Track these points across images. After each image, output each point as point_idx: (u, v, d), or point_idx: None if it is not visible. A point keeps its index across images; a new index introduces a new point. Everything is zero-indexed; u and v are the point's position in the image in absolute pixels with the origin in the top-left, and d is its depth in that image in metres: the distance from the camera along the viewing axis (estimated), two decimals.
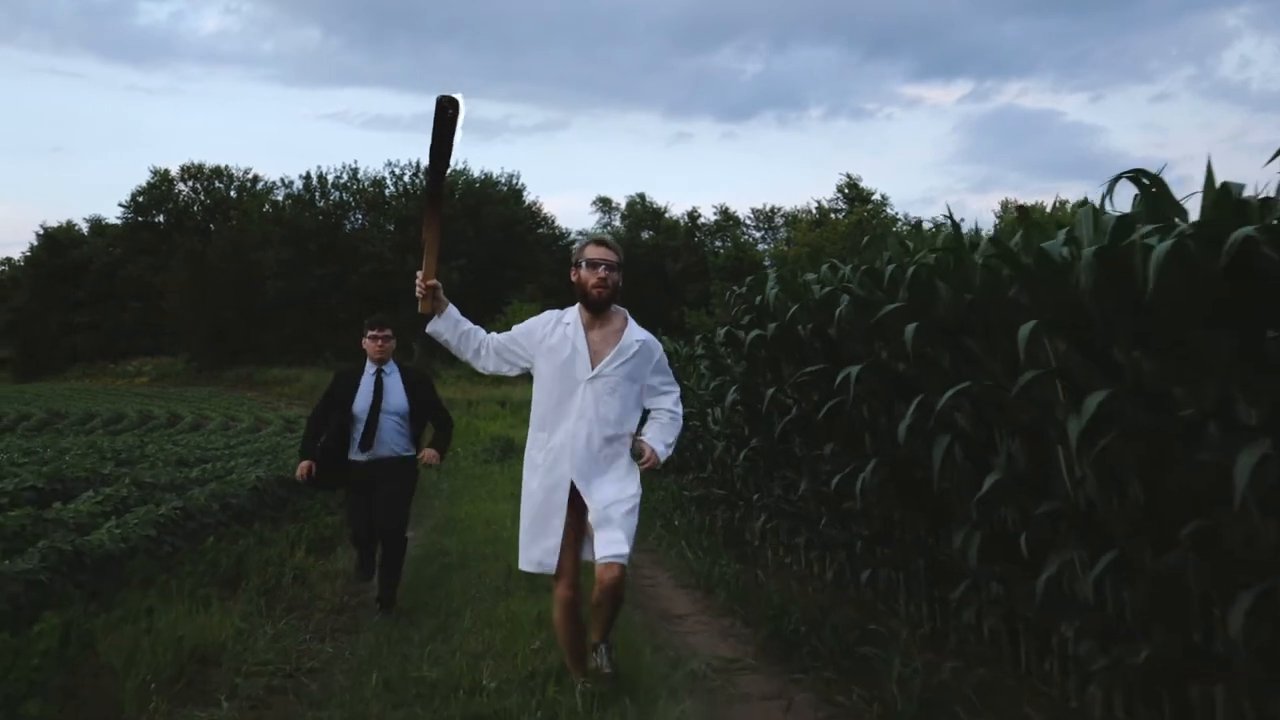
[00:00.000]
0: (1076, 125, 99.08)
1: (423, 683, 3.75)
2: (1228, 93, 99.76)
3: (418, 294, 3.61)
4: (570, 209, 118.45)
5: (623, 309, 3.73)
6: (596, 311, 3.63)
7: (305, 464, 5.20)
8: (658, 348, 3.75)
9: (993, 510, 3.66)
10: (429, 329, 3.66)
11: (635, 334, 3.66)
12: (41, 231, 63.37)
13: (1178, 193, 2.95)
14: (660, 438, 3.63)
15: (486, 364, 3.71)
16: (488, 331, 3.79)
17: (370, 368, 5.37)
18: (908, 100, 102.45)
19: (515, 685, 3.63)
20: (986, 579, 3.67)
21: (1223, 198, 2.51)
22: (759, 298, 6.26)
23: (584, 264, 3.62)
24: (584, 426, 3.52)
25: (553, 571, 3.52)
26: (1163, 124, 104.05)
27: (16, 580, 4.36)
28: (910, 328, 3.75)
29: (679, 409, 3.76)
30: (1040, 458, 3.48)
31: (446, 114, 3.58)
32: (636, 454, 3.55)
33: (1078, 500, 3.23)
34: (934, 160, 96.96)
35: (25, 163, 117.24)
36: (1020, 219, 3.99)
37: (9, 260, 69.73)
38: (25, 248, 75.47)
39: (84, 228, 64.38)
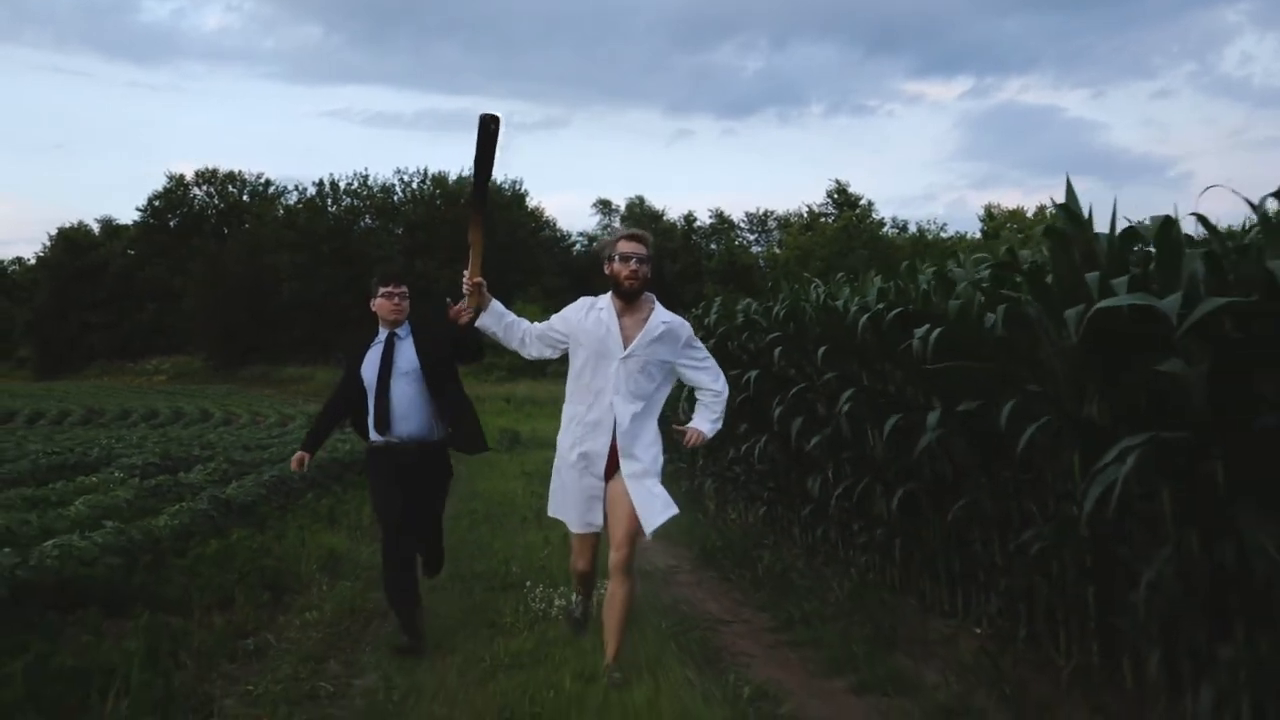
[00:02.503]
0: (1078, 121, 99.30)
1: (473, 573, 5.98)
2: (1229, 89, 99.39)
3: (464, 291, 3.89)
4: (572, 206, 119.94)
5: (652, 295, 3.96)
6: (628, 300, 3.85)
7: (299, 454, 4.65)
8: (685, 328, 4.00)
9: (836, 461, 5.87)
10: (477, 323, 3.94)
11: (661, 316, 3.91)
12: (55, 232, 65.68)
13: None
14: (705, 418, 3.93)
15: (530, 350, 3.99)
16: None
17: (381, 333, 4.62)
18: (909, 97, 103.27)
19: (530, 573, 5.84)
20: (824, 505, 5.90)
21: (888, 289, 4.76)
22: (706, 319, 8.52)
23: (616, 258, 3.85)
24: (618, 402, 3.79)
25: (599, 529, 3.83)
26: (1164, 120, 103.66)
27: (200, 515, 6.61)
28: (777, 350, 5.99)
29: (719, 385, 3.99)
30: (859, 430, 5.70)
31: (489, 129, 3.73)
32: (679, 435, 3.90)
33: (874, 454, 5.45)
34: (935, 157, 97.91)
35: (27, 160, 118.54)
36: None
37: (20, 260, 72.31)
38: (36, 246, 77.88)
39: (95, 227, 66.57)
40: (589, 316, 3.90)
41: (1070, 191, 3.70)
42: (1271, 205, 2.88)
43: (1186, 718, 3.11)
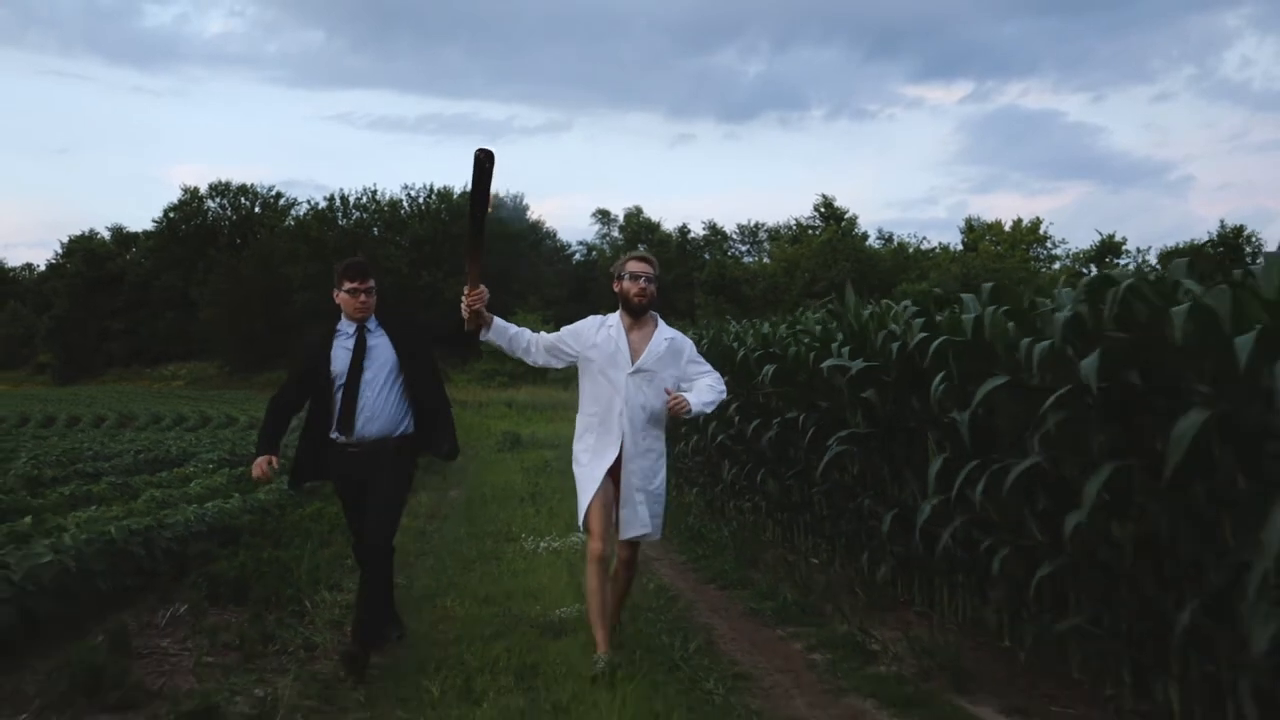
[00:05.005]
0: (1078, 125, 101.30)
1: (485, 532, 8.46)
2: (1229, 92, 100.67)
3: (464, 314, 4.14)
4: (574, 209, 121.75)
5: (655, 314, 4.30)
6: (636, 316, 4.19)
7: (261, 459, 4.38)
8: (687, 343, 4.36)
9: (735, 452, 8.33)
10: (483, 338, 4.24)
11: (664, 333, 4.27)
12: (67, 240, 68.69)
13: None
14: (699, 396, 4.16)
15: (536, 359, 4.29)
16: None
17: (348, 327, 4.41)
18: (909, 101, 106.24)
19: (524, 531, 8.31)
20: (729, 483, 8.38)
21: (767, 334, 7.26)
22: None
23: (626, 276, 4.19)
24: (627, 411, 4.12)
25: (594, 526, 4.14)
26: (1164, 124, 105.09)
27: (284, 493, 9.09)
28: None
29: (719, 384, 4.30)
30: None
31: (484, 166, 3.86)
32: (670, 401, 4.05)
33: (763, 453, 7.91)
34: (936, 160, 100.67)
35: (31, 164, 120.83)
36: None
37: (30, 265, 75.56)
38: (40, 249, 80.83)
39: (105, 234, 69.39)
40: (599, 333, 4.22)
41: (844, 292, 6.19)
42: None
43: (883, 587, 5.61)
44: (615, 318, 4.27)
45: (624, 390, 4.14)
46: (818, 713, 3.86)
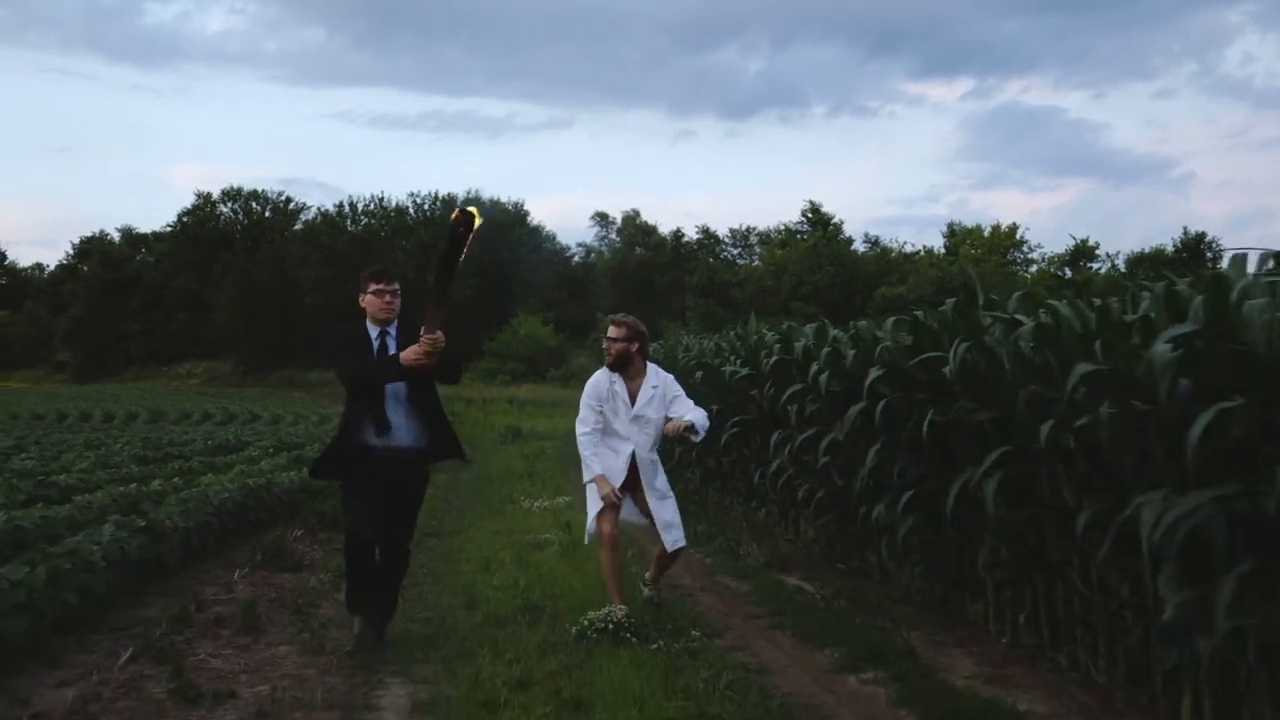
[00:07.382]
0: (1079, 122, 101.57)
1: (492, 497, 11.09)
2: (1230, 89, 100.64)
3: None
4: (575, 208, 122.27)
5: (646, 362, 5.30)
6: (614, 370, 5.19)
7: (409, 353, 4.39)
8: (673, 383, 5.37)
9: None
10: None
11: (652, 380, 5.24)
12: (78, 240, 71.87)
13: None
14: (695, 416, 5.21)
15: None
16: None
17: (373, 331, 4.60)
18: (910, 98, 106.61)
19: (522, 495, 10.93)
20: (681, 460, 11.00)
21: (705, 349, 9.90)
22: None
23: (605, 340, 5.23)
24: (630, 447, 5.20)
25: (605, 528, 5.12)
26: (1165, 120, 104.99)
27: None
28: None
29: (699, 410, 5.31)
30: None
31: (458, 230, 4.22)
32: (672, 430, 5.19)
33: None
34: (937, 157, 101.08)
35: (32, 162, 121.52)
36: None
37: (40, 265, 78.73)
38: (42, 248, 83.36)
39: (115, 235, 72.33)
40: (610, 388, 5.21)
41: (751, 322, 8.81)
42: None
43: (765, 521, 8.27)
44: (615, 374, 5.24)
45: (630, 432, 5.22)
46: (695, 584, 6.51)
